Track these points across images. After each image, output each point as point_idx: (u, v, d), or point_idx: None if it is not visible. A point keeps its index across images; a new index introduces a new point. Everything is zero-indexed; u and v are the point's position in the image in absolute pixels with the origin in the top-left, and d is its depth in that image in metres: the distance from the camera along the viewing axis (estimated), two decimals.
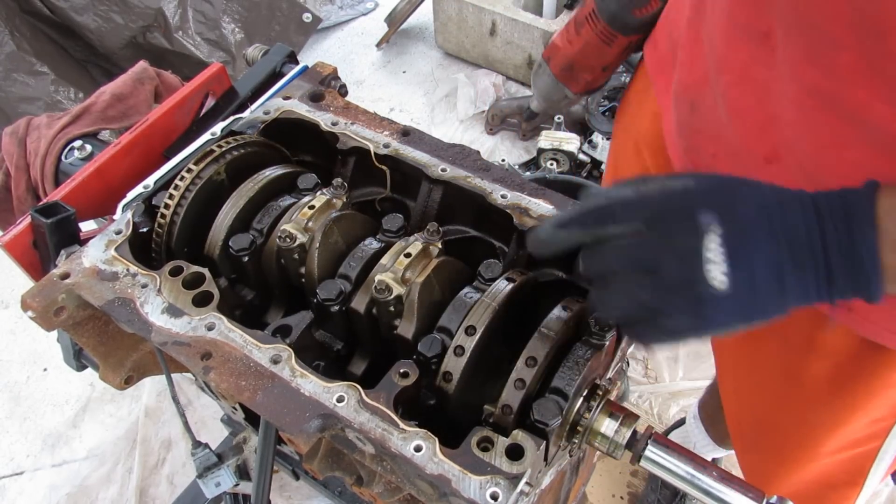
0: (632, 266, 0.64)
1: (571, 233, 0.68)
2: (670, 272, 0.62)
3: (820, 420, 1.07)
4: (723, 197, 0.64)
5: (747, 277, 0.61)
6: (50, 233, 0.92)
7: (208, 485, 1.22)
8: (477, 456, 0.68)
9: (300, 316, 0.86)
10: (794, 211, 0.62)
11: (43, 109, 2.84)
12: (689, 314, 0.63)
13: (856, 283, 0.62)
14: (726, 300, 0.61)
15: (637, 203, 0.65)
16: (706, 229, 0.61)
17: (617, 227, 0.65)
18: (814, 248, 0.62)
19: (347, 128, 1.03)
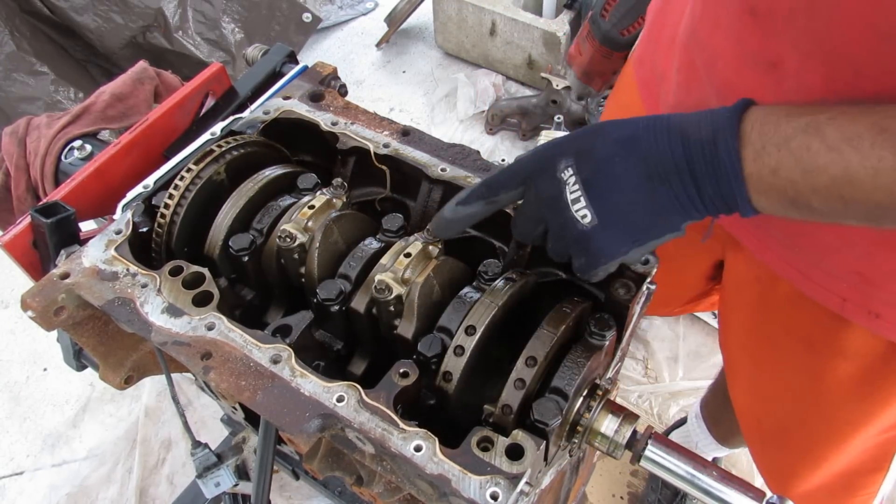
0: (530, 222, 0.74)
1: (471, 207, 0.76)
2: (551, 222, 0.71)
3: (847, 419, 1.08)
4: (582, 141, 0.69)
5: (611, 206, 0.67)
6: (50, 233, 0.92)
7: (208, 485, 1.22)
8: (477, 456, 0.68)
9: (300, 316, 0.86)
10: (659, 133, 0.66)
11: (43, 109, 2.84)
12: (581, 252, 0.71)
13: (722, 191, 0.65)
14: (601, 230, 0.68)
15: (516, 168, 0.73)
16: (564, 175, 0.69)
17: (505, 193, 0.74)
18: (677, 161, 0.65)
19: (347, 128, 1.03)
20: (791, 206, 0.64)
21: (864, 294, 0.88)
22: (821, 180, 0.60)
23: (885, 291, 0.86)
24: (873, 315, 0.89)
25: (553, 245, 0.74)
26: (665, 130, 0.67)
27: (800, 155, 0.61)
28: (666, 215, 0.68)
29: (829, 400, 1.07)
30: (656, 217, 0.68)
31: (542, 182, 0.71)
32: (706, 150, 0.64)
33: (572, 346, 0.78)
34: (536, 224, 0.74)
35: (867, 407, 1.05)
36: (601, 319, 0.79)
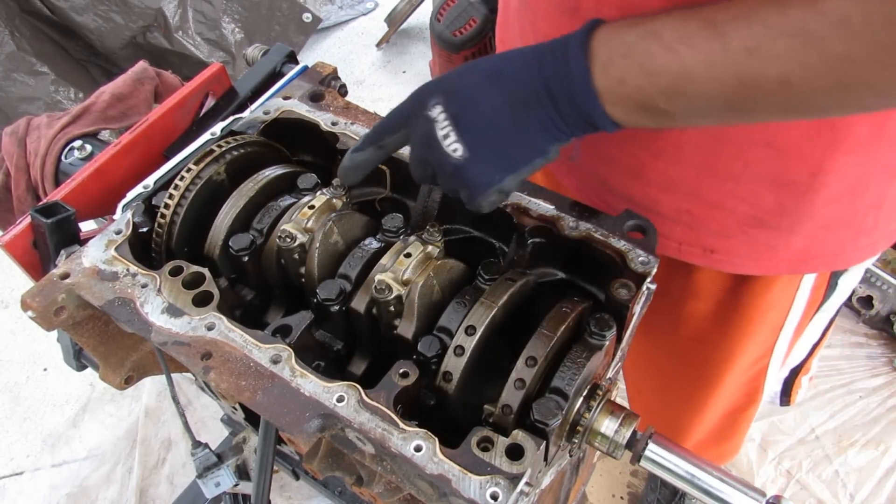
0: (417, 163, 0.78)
1: (365, 153, 0.81)
2: (430, 160, 0.75)
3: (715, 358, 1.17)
4: (450, 80, 0.73)
5: (479, 137, 0.71)
6: (50, 233, 0.92)
7: (208, 485, 1.22)
8: (477, 456, 0.68)
9: (300, 316, 0.86)
10: (518, 62, 0.70)
11: (43, 109, 2.84)
12: (460, 185, 0.74)
13: (578, 109, 0.68)
14: (472, 161, 0.71)
15: (396, 112, 0.78)
16: (434, 113, 0.72)
17: (390, 137, 0.79)
18: (536, 86, 0.69)
19: (347, 128, 1.03)
20: (644, 112, 0.67)
21: (697, 232, 0.95)
22: (663, 80, 0.63)
23: (714, 223, 0.93)
24: (708, 251, 0.97)
25: (441, 183, 0.77)
26: (523, 59, 0.70)
27: (642, 60, 0.64)
28: (532, 140, 0.71)
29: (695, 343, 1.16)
30: (523, 143, 0.71)
31: (415, 122, 0.74)
32: (560, 71, 0.67)
33: (572, 346, 0.78)
34: (424, 165, 0.77)
35: (728, 342, 1.13)
36: (601, 319, 0.79)
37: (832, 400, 2.26)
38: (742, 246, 0.95)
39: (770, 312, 1.09)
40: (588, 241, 0.87)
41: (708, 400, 1.25)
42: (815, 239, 0.94)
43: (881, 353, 2.37)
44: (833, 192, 0.87)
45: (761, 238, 0.94)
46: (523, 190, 0.93)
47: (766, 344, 1.16)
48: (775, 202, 0.89)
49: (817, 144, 0.81)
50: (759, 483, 2.06)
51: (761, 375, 1.22)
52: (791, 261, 0.97)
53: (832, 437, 2.16)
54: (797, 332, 1.16)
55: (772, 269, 0.99)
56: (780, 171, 0.85)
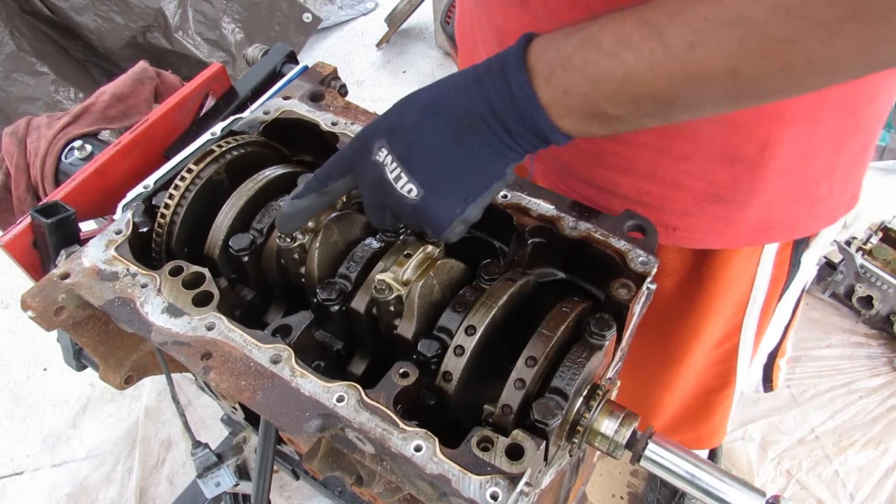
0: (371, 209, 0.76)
1: (307, 199, 0.78)
2: (386, 203, 0.73)
3: (680, 334, 1.19)
4: (391, 119, 0.72)
5: (431, 173, 0.69)
6: (50, 233, 0.92)
7: (208, 485, 1.22)
8: (477, 456, 0.68)
9: (300, 316, 0.86)
10: (458, 88, 0.69)
11: (43, 109, 2.84)
12: (423, 223, 0.73)
13: (527, 126, 0.67)
14: (430, 198, 0.70)
15: (339, 158, 0.76)
16: (380, 156, 0.70)
17: (335, 183, 0.77)
18: (479, 108, 0.67)
19: (347, 128, 1.03)
20: (593, 120, 0.66)
21: (658, 211, 0.97)
22: (608, 87, 0.62)
23: (674, 202, 0.96)
24: (671, 229, 0.99)
25: (402, 222, 0.77)
26: (462, 85, 0.69)
27: (583, 68, 0.63)
28: (486, 166, 0.70)
29: (661, 320, 1.18)
30: (478, 170, 0.70)
31: (363, 169, 0.73)
32: (502, 91, 0.66)
33: (572, 346, 0.78)
34: (380, 210, 0.76)
35: (693, 319, 1.15)
36: (601, 319, 0.79)
37: (832, 400, 2.26)
38: (702, 221, 0.98)
39: (732, 287, 1.11)
40: (588, 241, 0.87)
41: (676, 377, 1.27)
42: (772, 210, 0.97)
43: (881, 353, 2.37)
44: (783, 163, 0.89)
45: (719, 213, 0.96)
46: (523, 190, 0.93)
47: (733, 322, 1.18)
48: (729, 177, 0.91)
49: (762, 118, 0.84)
50: (759, 483, 2.06)
51: (732, 356, 1.24)
52: (750, 232, 0.99)
53: (832, 437, 2.16)
54: (765, 312, 1.18)
55: (732, 242, 1.01)
56: (730, 147, 0.88)
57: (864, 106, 0.89)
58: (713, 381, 1.30)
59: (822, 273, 2.49)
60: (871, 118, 0.92)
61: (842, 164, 0.95)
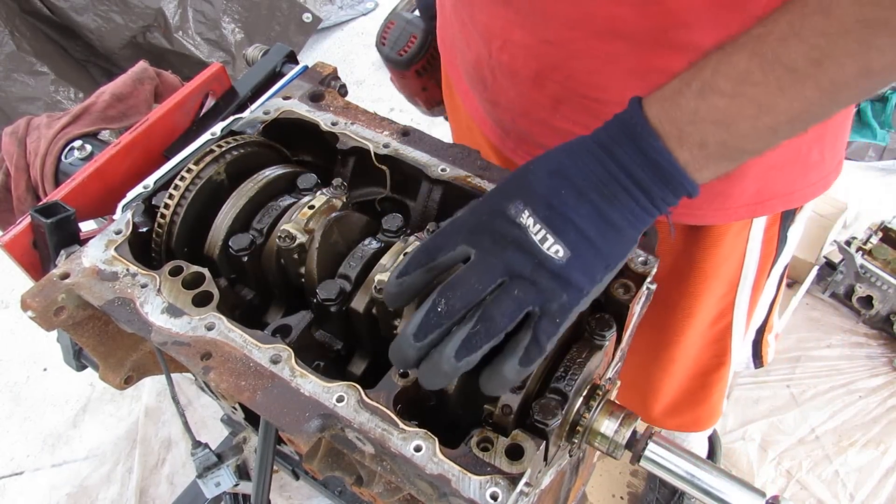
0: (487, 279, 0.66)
1: (413, 277, 0.69)
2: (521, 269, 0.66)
3: (674, 317, 1.20)
4: (520, 184, 0.69)
5: (577, 234, 0.67)
6: (50, 233, 0.92)
7: (208, 485, 1.22)
8: (477, 456, 0.68)
9: (300, 316, 0.86)
10: (584, 157, 0.68)
11: (43, 109, 2.84)
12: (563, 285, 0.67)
13: (669, 187, 0.67)
14: (576, 261, 0.67)
15: (455, 227, 0.70)
16: (520, 216, 0.67)
17: (445, 255, 0.69)
18: (617, 177, 0.67)
19: (347, 128, 1.03)
20: (731, 161, 0.67)
21: None
22: (744, 127, 0.63)
23: None
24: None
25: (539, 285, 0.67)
26: (588, 154, 0.68)
27: (713, 117, 0.63)
28: (624, 232, 0.69)
29: (656, 304, 1.16)
30: (617, 237, 0.69)
31: (497, 231, 0.68)
32: (638, 159, 0.66)
33: (572, 346, 0.78)
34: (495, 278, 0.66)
35: (687, 300, 1.16)
36: (601, 319, 0.79)
37: (832, 400, 2.26)
38: (700, 196, 0.97)
39: (724, 265, 1.11)
40: None
41: (673, 358, 1.28)
42: (767, 180, 0.97)
43: (881, 353, 2.37)
44: None
45: (716, 187, 0.95)
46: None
47: (726, 301, 1.18)
48: None
49: None
50: (759, 483, 2.06)
51: (726, 335, 1.25)
52: (748, 205, 0.99)
53: (832, 437, 2.16)
54: (756, 289, 1.19)
55: (730, 217, 1.01)
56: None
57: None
58: (709, 360, 1.31)
59: (822, 273, 2.50)
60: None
61: (830, 127, 0.95)
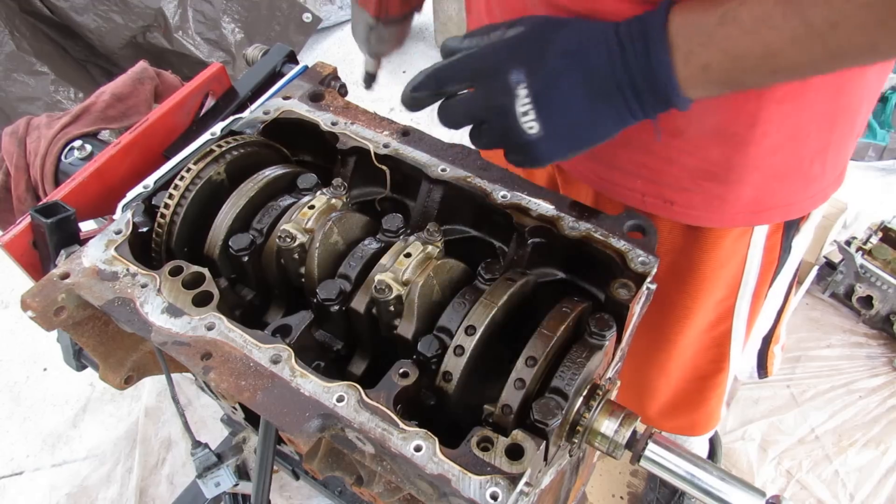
0: (468, 119, 0.79)
1: (422, 94, 0.80)
2: (494, 123, 0.76)
3: (672, 316, 1.20)
4: (532, 49, 0.74)
5: (557, 121, 0.73)
6: (50, 233, 0.92)
7: (208, 485, 1.22)
8: (477, 456, 0.68)
9: (300, 316, 0.86)
10: (598, 47, 0.72)
11: (43, 109, 2.84)
12: (519, 153, 0.77)
13: (661, 98, 0.72)
14: (544, 140, 0.74)
15: (467, 64, 0.77)
16: (515, 87, 0.72)
17: (452, 87, 0.79)
18: (618, 77, 0.71)
19: (347, 128, 1.03)
20: (725, 88, 0.71)
21: (656, 184, 0.99)
22: (748, 62, 0.67)
23: (669, 177, 0.97)
24: (668, 203, 1.01)
25: (485, 140, 0.79)
26: (605, 44, 0.72)
27: (724, 45, 0.67)
28: (606, 126, 0.75)
29: (654, 304, 1.17)
30: (597, 128, 0.75)
31: (493, 88, 0.74)
32: (642, 64, 0.70)
33: (572, 346, 0.78)
34: (472, 119, 0.78)
35: (685, 300, 1.17)
36: (601, 319, 0.79)
37: (832, 400, 2.26)
38: (697, 197, 0.99)
39: (723, 269, 1.12)
40: (588, 240, 0.87)
41: (670, 358, 1.28)
42: (766, 189, 0.98)
43: (881, 353, 2.37)
44: (774, 141, 0.90)
45: (714, 190, 0.97)
46: (523, 190, 0.93)
47: (725, 306, 1.19)
48: (721, 154, 0.92)
49: (750, 96, 0.85)
50: (759, 483, 2.06)
51: (725, 341, 1.25)
52: (746, 212, 1.00)
53: (832, 437, 2.16)
54: (757, 297, 1.19)
55: (727, 221, 1.02)
56: (721, 124, 0.89)
57: (852, 86, 0.90)
58: (707, 365, 1.31)
59: (822, 273, 2.49)
60: (860, 96, 0.93)
61: (834, 141, 0.96)
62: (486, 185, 0.94)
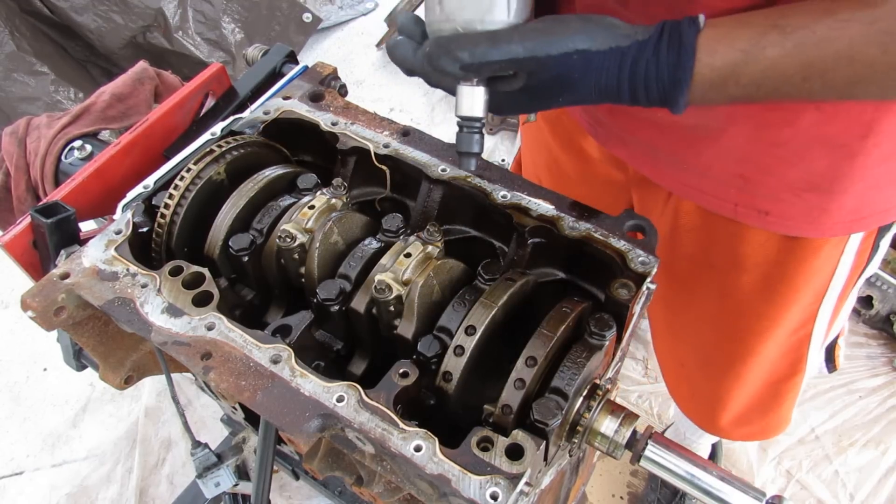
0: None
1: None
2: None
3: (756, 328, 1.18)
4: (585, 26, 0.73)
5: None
6: (50, 233, 0.92)
7: (208, 485, 1.22)
8: (477, 456, 0.68)
9: (300, 316, 0.86)
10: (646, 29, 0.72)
11: (43, 109, 2.84)
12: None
13: (664, 96, 0.73)
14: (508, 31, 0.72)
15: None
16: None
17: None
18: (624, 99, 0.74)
19: (347, 128, 1.03)
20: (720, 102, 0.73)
21: (751, 194, 0.97)
22: (751, 96, 0.71)
23: (766, 187, 0.95)
24: (763, 213, 0.98)
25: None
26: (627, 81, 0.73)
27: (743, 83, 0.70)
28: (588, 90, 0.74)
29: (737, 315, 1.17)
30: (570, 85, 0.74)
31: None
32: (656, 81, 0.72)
33: (572, 346, 0.78)
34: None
35: (772, 311, 1.14)
36: (601, 319, 0.79)
37: (832, 400, 2.25)
38: (795, 208, 0.96)
39: (815, 277, 1.09)
40: (588, 240, 0.87)
41: (748, 369, 1.25)
42: (866, 198, 0.95)
43: (881, 353, 2.37)
44: (884, 151, 0.87)
45: (814, 201, 0.94)
46: (523, 190, 0.93)
47: (809, 310, 1.16)
48: (826, 166, 0.90)
49: (866, 106, 0.82)
50: (759, 483, 2.06)
51: (804, 344, 1.22)
52: (845, 221, 0.97)
53: (832, 437, 2.16)
54: (841, 298, 1.16)
55: (826, 232, 0.99)
56: (830, 134, 0.86)
57: None
58: (784, 369, 1.28)
59: None
60: None
61: None
62: (486, 185, 0.94)
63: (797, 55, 0.67)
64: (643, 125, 1.00)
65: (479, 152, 0.82)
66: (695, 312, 1.24)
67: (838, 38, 0.65)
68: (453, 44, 0.73)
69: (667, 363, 1.43)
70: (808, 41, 0.66)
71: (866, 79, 0.67)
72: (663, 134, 0.98)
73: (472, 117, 0.79)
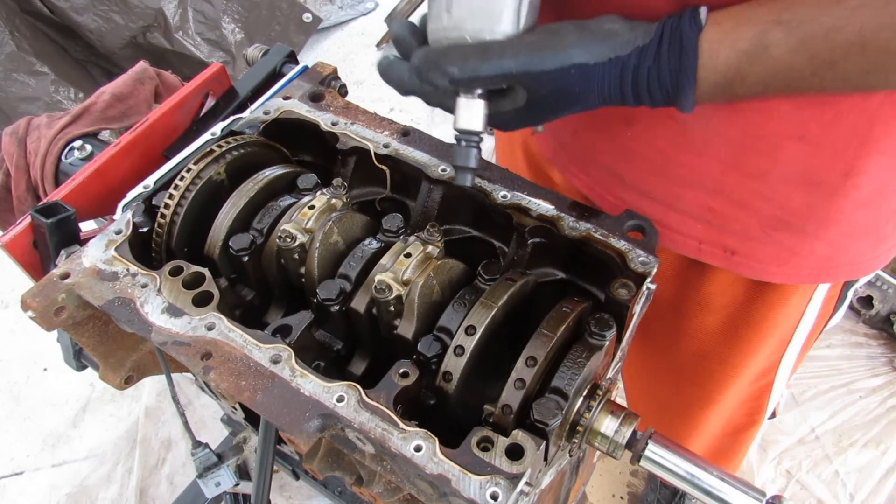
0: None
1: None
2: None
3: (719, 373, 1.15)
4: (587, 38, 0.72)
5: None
6: (50, 233, 0.92)
7: (208, 485, 1.22)
8: (477, 456, 0.68)
9: (300, 316, 0.86)
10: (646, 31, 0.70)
11: (43, 109, 2.84)
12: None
13: (669, 99, 0.72)
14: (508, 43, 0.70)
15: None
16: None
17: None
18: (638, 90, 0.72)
19: (347, 128, 1.03)
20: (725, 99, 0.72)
21: (718, 231, 0.93)
22: (758, 90, 0.69)
23: (737, 223, 0.91)
24: (729, 252, 0.94)
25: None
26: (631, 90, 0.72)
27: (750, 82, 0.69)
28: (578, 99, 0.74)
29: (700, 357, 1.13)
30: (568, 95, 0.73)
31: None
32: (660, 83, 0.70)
33: (572, 346, 0.78)
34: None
35: (735, 357, 1.11)
36: (601, 319, 0.79)
37: (832, 400, 2.26)
38: (765, 249, 0.92)
39: (782, 324, 1.05)
40: (588, 240, 0.87)
41: (706, 417, 1.22)
42: (839, 246, 0.91)
43: (881, 353, 2.37)
44: (863, 194, 0.84)
45: (785, 242, 0.90)
46: (523, 190, 0.93)
47: (773, 358, 1.12)
48: (803, 203, 0.86)
49: (852, 141, 0.79)
50: (759, 483, 2.06)
51: (765, 393, 1.19)
52: (813, 269, 0.93)
53: (832, 437, 2.16)
54: (805, 348, 1.12)
55: (792, 277, 0.95)
56: (811, 169, 0.82)
57: None
58: (742, 418, 1.24)
59: None
60: None
61: None
62: (486, 185, 0.94)
63: (804, 50, 0.64)
64: (608, 148, 0.96)
65: (475, 167, 0.79)
66: (653, 356, 1.21)
67: (847, 26, 0.61)
68: (443, 58, 0.71)
69: (631, 400, 1.41)
70: (814, 34, 0.63)
71: (881, 66, 0.63)
72: (629, 160, 0.94)
73: (471, 131, 0.76)
